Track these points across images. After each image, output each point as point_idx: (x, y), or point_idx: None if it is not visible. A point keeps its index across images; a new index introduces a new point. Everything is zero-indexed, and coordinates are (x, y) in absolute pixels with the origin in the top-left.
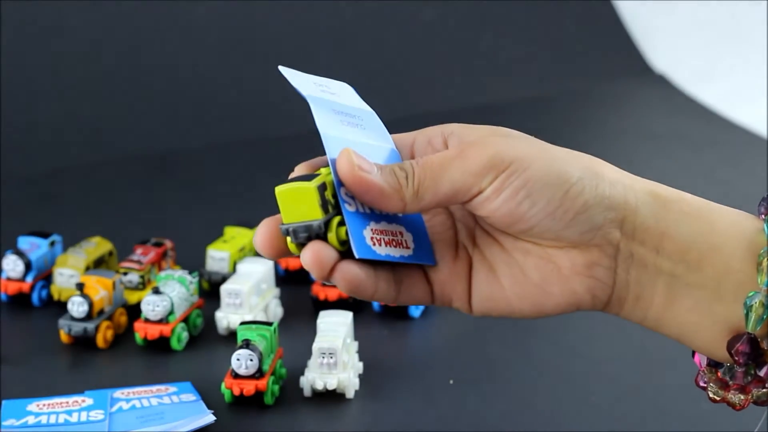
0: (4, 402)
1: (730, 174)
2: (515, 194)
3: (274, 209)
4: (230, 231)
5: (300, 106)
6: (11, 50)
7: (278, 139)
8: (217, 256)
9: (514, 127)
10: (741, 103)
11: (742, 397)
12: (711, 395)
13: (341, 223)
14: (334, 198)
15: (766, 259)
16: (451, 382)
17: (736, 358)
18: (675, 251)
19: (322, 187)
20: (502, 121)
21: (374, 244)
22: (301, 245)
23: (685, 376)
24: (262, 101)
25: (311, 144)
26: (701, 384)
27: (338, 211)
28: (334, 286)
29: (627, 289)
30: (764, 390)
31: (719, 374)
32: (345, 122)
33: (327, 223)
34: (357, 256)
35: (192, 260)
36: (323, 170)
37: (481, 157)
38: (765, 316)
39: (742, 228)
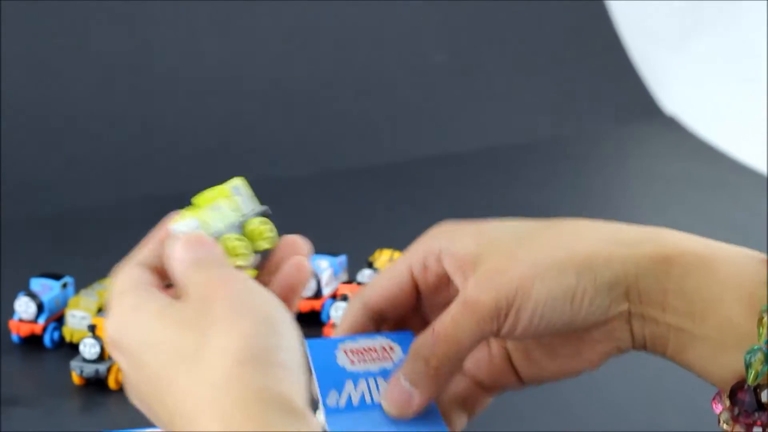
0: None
1: (741, 216)
2: (529, 324)
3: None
4: None
5: (317, 146)
6: (23, 87)
7: (292, 179)
8: None
9: (526, 170)
10: (751, 145)
11: None
12: (722, 421)
13: None
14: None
15: (766, 316)
16: None
17: (737, 407)
18: (679, 306)
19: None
20: (514, 164)
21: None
22: None
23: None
24: (279, 140)
25: (323, 184)
26: (717, 409)
27: None
28: None
29: (644, 342)
30: None
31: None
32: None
33: None
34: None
35: None
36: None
37: (487, 305)
38: (765, 371)
39: (745, 279)
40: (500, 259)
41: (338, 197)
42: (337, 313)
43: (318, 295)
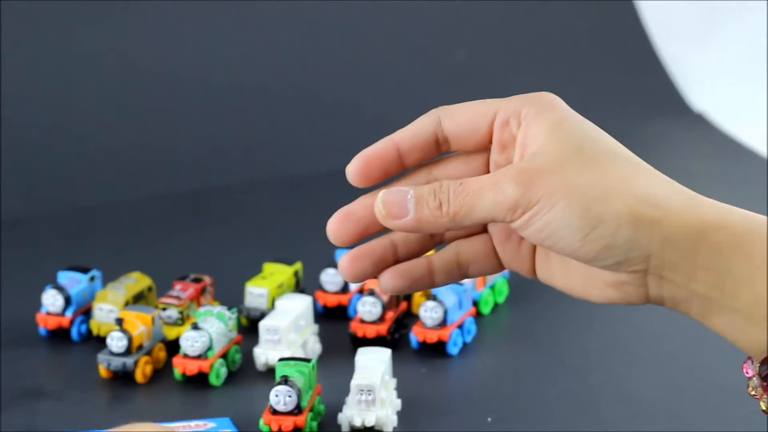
0: None
1: None
2: (539, 232)
3: (312, 246)
4: (269, 267)
5: (337, 143)
6: (47, 85)
7: (318, 175)
8: (255, 293)
9: None
10: None
11: None
12: (751, 387)
13: None
14: None
15: None
16: (489, 420)
17: (764, 383)
18: (708, 280)
19: None
20: None
21: None
22: None
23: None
24: (299, 138)
25: (339, 181)
26: (747, 373)
27: None
28: (374, 323)
29: (662, 300)
30: None
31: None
32: None
33: None
34: None
35: (231, 296)
36: None
37: (511, 195)
38: None
39: None
40: (550, 164)
41: (358, 193)
42: (363, 307)
43: (345, 290)
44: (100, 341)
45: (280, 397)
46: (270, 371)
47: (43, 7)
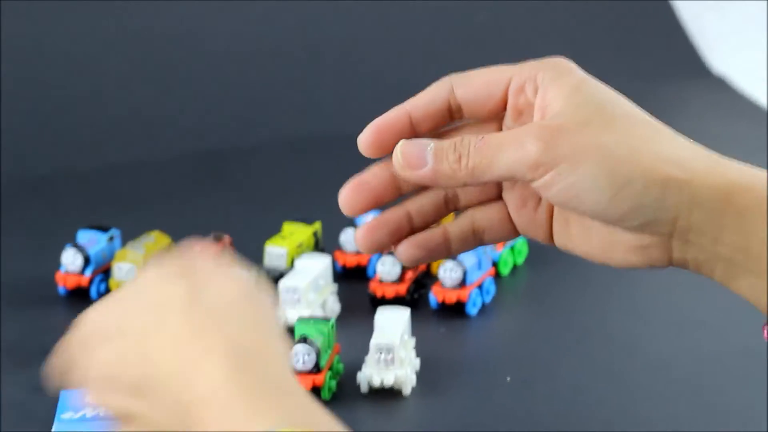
0: (62, 392)
1: None
2: (563, 193)
3: (332, 206)
4: (288, 227)
5: (357, 106)
6: (71, 47)
7: (339, 137)
8: (275, 252)
9: None
10: None
11: None
12: None
13: None
14: None
15: None
16: (509, 380)
17: None
18: (733, 243)
19: None
20: None
21: None
22: None
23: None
24: (321, 100)
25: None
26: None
27: None
28: (393, 283)
29: (686, 264)
30: None
31: None
32: None
33: None
34: None
35: (250, 256)
36: None
37: (533, 151)
38: None
39: None
40: (572, 123)
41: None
42: (383, 267)
43: None
44: None
45: (299, 356)
46: (289, 331)
47: None
